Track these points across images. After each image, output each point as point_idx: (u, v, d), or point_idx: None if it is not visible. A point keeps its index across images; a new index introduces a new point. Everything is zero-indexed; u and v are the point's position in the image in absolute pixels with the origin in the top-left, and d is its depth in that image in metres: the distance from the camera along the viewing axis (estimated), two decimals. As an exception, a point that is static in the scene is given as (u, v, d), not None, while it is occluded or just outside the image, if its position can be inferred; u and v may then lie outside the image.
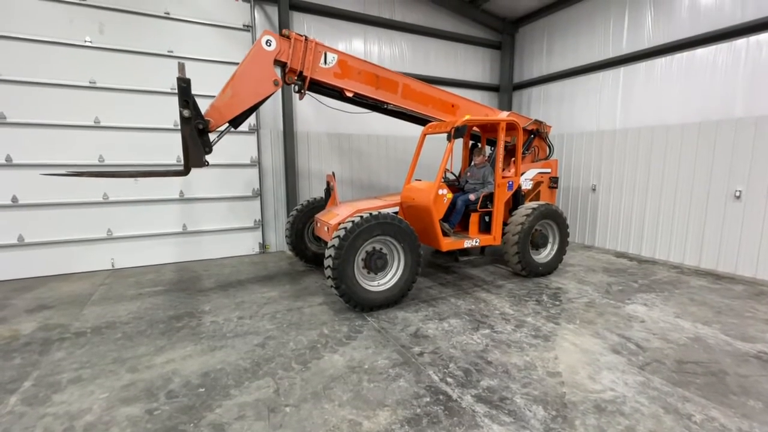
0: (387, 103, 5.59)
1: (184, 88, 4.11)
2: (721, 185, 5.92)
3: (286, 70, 4.85)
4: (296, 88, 5.11)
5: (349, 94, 5.26)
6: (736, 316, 4.34)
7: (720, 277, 5.75)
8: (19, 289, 5.26)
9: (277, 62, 4.74)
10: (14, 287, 5.35)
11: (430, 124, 5.73)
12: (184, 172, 4.38)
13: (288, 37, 4.72)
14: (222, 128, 4.59)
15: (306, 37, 4.85)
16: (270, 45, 4.60)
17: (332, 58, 5.03)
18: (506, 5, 8.68)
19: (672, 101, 6.53)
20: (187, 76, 6.67)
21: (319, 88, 5.22)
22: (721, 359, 3.41)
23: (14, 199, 5.61)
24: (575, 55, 8.10)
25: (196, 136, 4.26)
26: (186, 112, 4.15)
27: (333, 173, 5.90)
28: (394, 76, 5.53)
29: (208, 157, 4.40)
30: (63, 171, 5.78)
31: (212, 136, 4.55)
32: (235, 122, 4.68)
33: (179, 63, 4.18)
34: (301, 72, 4.88)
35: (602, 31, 7.55)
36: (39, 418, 2.63)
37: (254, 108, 4.78)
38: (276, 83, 4.67)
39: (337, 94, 5.33)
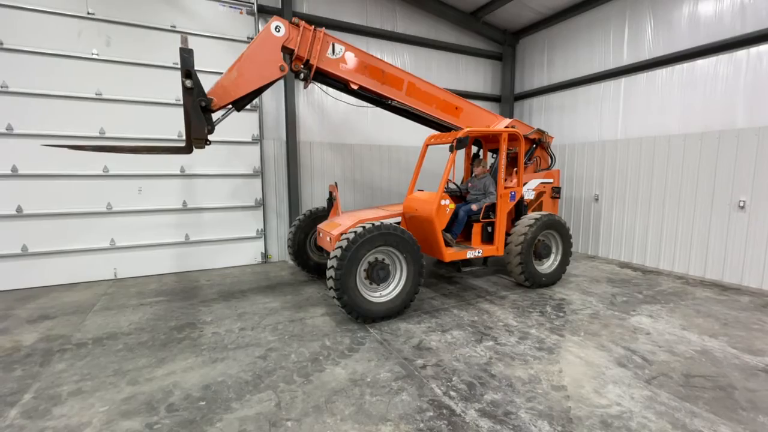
0: (391, 99, 5.58)
1: (186, 59, 4.08)
2: (724, 195, 5.90)
3: (293, 57, 4.88)
4: (302, 76, 5.10)
5: (354, 87, 5.25)
6: (744, 328, 4.28)
7: (726, 288, 5.70)
8: (22, 299, 5.26)
9: (284, 48, 4.76)
10: (17, 297, 5.35)
11: (432, 134, 5.76)
12: (186, 149, 4.34)
13: (297, 26, 4.76)
14: (224, 112, 4.60)
15: (315, 27, 4.91)
16: (279, 31, 4.64)
17: (340, 49, 5.07)
18: (507, 18, 8.79)
19: (673, 112, 6.56)
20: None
21: (325, 78, 5.22)
22: (729, 373, 3.36)
23: (19, 208, 5.65)
24: (576, 66, 8.17)
25: (199, 108, 4.22)
26: (188, 82, 4.12)
27: (336, 183, 5.92)
28: (400, 73, 5.55)
29: (210, 136, 4.37)
30: (68, 180, 5.87)
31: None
32: (238, 104, 4.67)
33: (182, 35, 4.17)
34: (307, 60, 4.90)
35: (602, 42, 7.61)
36: (38, 432, 2.61)
37: (258, 92, 4.79)
38: (282, 68, 4.69)
39: (342, 86, 5.33)
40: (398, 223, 5.29)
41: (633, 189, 7.15)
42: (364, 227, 4.32)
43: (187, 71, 4.11)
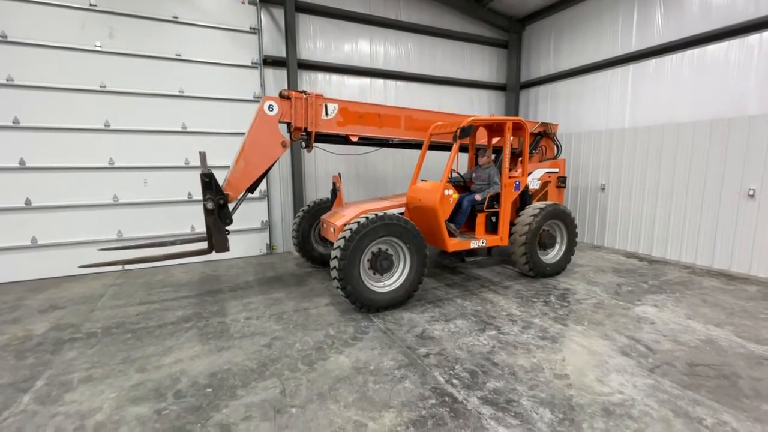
0: (392, 139, 5.71)
1: (206, 183, 4.32)
2: (734, 184, 5.80)
3: (292, 128, 5.01)
4: (303, 144, 5.27)
5: (354, 139, 5.40)
6: (750, 317, 4.25)
7: (733, 277, 5.64)
8: (33, 290, 5.37)
9: (281, 122, 4.90)
10: (28, 288, 5.46)
11: (435, 124, 5.71)
12: (208, 251, 4.60)
13: (288, 98, 4.87)
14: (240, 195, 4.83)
15: (305, 92, 5.01)
16: (272, 110, 4.77)
17: (333, 108, 5.17)
18: (513, 4, 8.63)
19: (683, 99, 6.43)
20: (195, 80, 6.76)
21: (325, 137, 5.33)
22: (734, 362, 3.34)
23: (27, 201, 5.73)
24: (583, 53, 8.02)
25: (221, 225, 4.48)
26: (210, 205, 4.34)
27: (339, 174, 5.92)
28: (396, 111, 5.67)
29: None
30: (75, 172, 5.93)
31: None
32: (252, 188, 4.91)
33: (200, 153, 4.33)
34: (306, 127, 5.04)
35: (611, 28, 7.45)
36: (51, 417, 2.68)
37: (267, 171, 4.98)
38: (284, 144, 4.84)
39: (342, 139, 5.46)
40: (402, 213, 5.28)
41: (640, 178, 7.06)
42: (367, 218, 4.32)
43: (208, 193, 4.32)
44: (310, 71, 7.54)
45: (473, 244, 5.29)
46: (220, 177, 5.38)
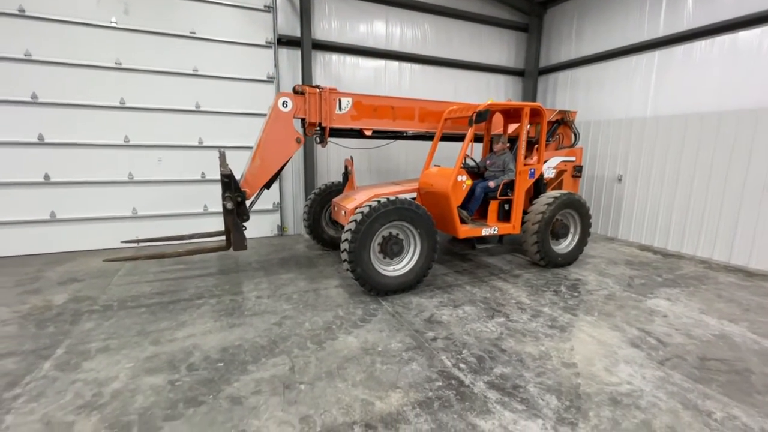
0: (406, 131, 5.66)
1: (226, 183, 4.35)
2: (758, 177, 5.60)
3: (306, 124, 4.99)
4: (317, 139, 5.26)
5: (368, 133, 5.37)
6: (767, 314, 4.16)
7: (751, 274, 5.50)
8: (52, 263, 5.53)
9: (295, 117, 4.88)
10: (47, 260, 5.63)
11: (450, 108, 5.61)
12: (226, 248, 4.68)
13: (302, 93, 4.84)
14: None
15: (319, 87, 4.96)
16: (286, 106, 4.76)
17: (347, 102, 5.13)
18: (535, -15, 8.31)
19: (709, 88, 6.16)
20: (209, 58, 6.72)
21: (339, 131, 5.30)
22: (747, 357, 3.28)
23: (46, 176, 5.85)
24: (607, 38, 7.72)
25: (239, 224, 4.54)
26: (229, 204, 4.38)
27: (351, 158, 5.90)
28: (410, 103, 5.59)
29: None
30: (92, 149, 6.02)
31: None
32: (268, 185, 4.95)
33: (220, 151, 4.36)
34: (320, 122, 5.01)
35: (637, 12, 7.14)
36: (70, 383, 2.79)
37: (282, 168, 4.98)
38: (299, 141, 4.84)
39: (356, 133, 5.42)
40: (414, 198, 5.25)
41: (659, 170, 6.86)
42: (378, 201, 4.31)
43: (227, 193, 4.35)
44: (324, 52, 7.43)
45: (485, 232, 5.24)
46: (233, 157, 5.42)
